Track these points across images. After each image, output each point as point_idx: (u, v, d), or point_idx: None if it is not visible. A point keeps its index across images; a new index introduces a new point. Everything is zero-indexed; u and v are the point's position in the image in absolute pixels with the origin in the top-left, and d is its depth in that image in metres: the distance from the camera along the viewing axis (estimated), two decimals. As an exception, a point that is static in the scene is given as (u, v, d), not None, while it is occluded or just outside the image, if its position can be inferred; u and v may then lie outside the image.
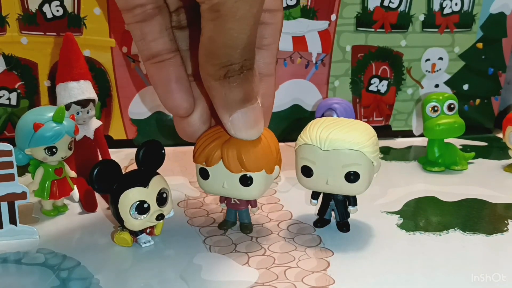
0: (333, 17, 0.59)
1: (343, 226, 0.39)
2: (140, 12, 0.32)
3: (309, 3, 0.59)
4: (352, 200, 0.38)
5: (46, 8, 0.55)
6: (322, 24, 0.60)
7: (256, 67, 0.32)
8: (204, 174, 0.36)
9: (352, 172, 0.35)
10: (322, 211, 0.39)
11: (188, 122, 0.36)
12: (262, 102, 0.33)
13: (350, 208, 0.38)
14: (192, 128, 0.36)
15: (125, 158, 0.55)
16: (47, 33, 0.55)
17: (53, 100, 0.56)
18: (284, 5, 0.58)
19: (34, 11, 0.55)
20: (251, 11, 0.29)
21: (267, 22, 0.34)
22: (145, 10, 0.32)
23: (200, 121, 0.36)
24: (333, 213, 0.39)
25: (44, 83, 0.57)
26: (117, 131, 0.59)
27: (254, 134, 0.34)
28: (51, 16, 0.55)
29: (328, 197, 0.39)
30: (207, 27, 0.29)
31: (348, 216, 0.39)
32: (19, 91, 0.57)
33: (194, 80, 0.36)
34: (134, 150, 0.37)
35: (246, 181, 0.36)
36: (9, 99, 0.57)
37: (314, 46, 0.60)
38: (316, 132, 0.35)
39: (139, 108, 0.59)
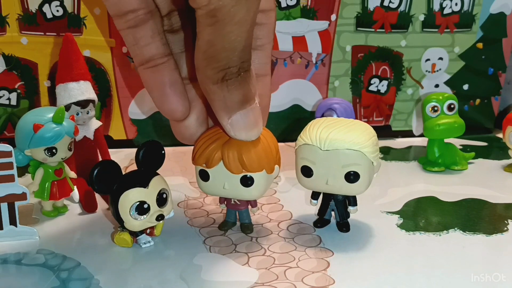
0: (333, 17, 0.59)
1: (343, 226, 0.39)
2: (132, 17, 0.32)
3: (309, 3, 0.59)
4: (352, 200, 0.38)
5: (46, 8, 0.55)
6: (322, 24, 0.60)
7: (252, 68, 0.32)
8: (204, 175, 0.36)
9: (352, 172, 0.35)
10: (322, 211, 0.39)
11: (185, 125, 0.36)
12: (259, 102, 0.33)
13: (350, 208, 0.38)
14: (190, 131, 0.36)
15: (125, 158, 0.55)
16: (47, 33, 0.55)
17: (53, 100, 0.56)
18: (284, 5, 0.58)
19: (34, 11, 0.55)
20: (249, 14, 0.29)
21: (261, 22, 0.34)
22: (137, 16, 0.32)
23: (196, 124, 0.36)
24: (333, 213, 0.39)
25: (44, 83, 0.57)
26: (117, 131, 0.59)
27: (254, 134, 0.34)
28: (51, 16, 0.55)
29: (328, 197, 0.39)
30: (205, 31, 0.29)
31: (348, 216, 0.39)
32: (19, 91, 0.57)
33: (189, 83, 0.36)
34: (134, 150, 0.37)
35: (246, 181, 0.36)
36: (9, 99, 0.57)
37: (314, 46, 0.60)
38: (316, 132, 0.35)
39: (139, 108, 0.59)
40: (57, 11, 0.55)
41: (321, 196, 0.39)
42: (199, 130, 0.36)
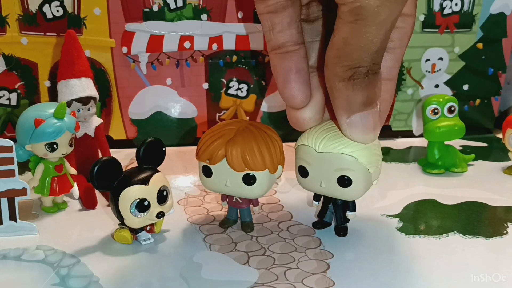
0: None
1: (341, 230, 0.38)
2: (273, 3, 0.32)
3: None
4: (351, 206, 0.38)
5: (46, 8, 0.55)
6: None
7: (380, 71, 0.32)
8: (207, 172, 0.36)
9: (346, 177, 0.34)
10: (322, 213, 0.39)
11: (300, 112, 0.35)
12: (379, 107, 0.33)
13: (348, 214, 0.38)
14: (304, 119, 0.35)
15: (125, 158, 0.55)
16: (47, 33, 0.55)
17: (53, 100, 0.56)
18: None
19: (34, 11, 0.55)
20: (391, 17, 0.28)
21: (397, 26, 0.33)
22: (278, 2, 0.32)
23: (311, 113, 0.35)
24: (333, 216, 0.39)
25: (44, 83, 0.57)
26: (117, 131, 0.59)
27: (370, 138, 0.33)
28: (51, 16, 0.55)
29: (328, 200, 0.39)
30: (343, 28, 0.29)
31: (347, 221, 0.38)
32: (19, 91, 0.57)
33: (314, 71, 0.35)
34: (134, 150, 0.37)
35: (249, 180, 0.36)
36: (9, 99, 0.57)
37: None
38: (313, 134, 0.35)
39: (139, 108, 0.59)
40: (57, 11, 0.55)
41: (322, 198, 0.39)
42: (312, 120, 0.35)
